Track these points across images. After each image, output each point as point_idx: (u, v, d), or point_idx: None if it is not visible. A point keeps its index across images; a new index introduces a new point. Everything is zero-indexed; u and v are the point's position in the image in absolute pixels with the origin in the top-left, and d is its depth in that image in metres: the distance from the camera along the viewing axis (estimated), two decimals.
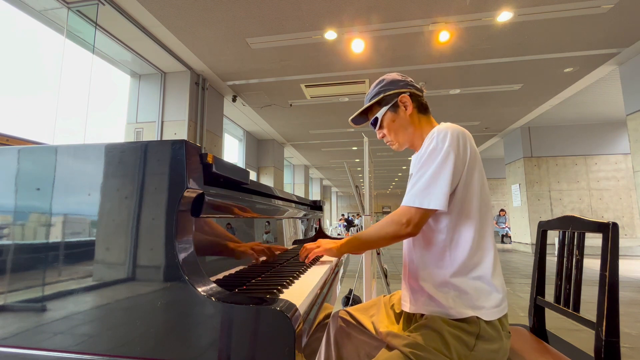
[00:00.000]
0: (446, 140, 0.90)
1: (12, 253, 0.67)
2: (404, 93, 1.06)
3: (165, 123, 4.93)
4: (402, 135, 1.08)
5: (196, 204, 0.67)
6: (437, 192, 0.87)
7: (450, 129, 0.92)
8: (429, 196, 0.88)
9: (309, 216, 1.70)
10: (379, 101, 1.08)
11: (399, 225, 0.91)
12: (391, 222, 0.93)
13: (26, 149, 0.71)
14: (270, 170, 8.82)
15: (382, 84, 1.09)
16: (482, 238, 0.91)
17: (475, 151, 0.93)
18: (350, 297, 2.97)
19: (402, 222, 0.90)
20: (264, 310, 0.55)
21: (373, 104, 1.09)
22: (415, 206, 0.89)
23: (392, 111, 1.07)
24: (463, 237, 0.91)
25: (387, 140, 1.12)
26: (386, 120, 1.08)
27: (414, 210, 0.89)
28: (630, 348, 2.27)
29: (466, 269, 0.89)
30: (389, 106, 1.06)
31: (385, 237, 0.94)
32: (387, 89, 1.07)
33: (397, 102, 1.06)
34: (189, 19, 3.69)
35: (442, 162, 0.89)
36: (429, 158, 0.91)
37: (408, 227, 0.89)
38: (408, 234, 0.91)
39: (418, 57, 4.58)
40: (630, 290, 4.13)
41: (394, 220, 0.92)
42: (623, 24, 3.80)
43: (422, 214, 0.89)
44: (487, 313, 0.87)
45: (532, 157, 8.24)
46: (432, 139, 0.93)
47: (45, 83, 3.53)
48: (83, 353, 0.60)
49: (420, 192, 0.89)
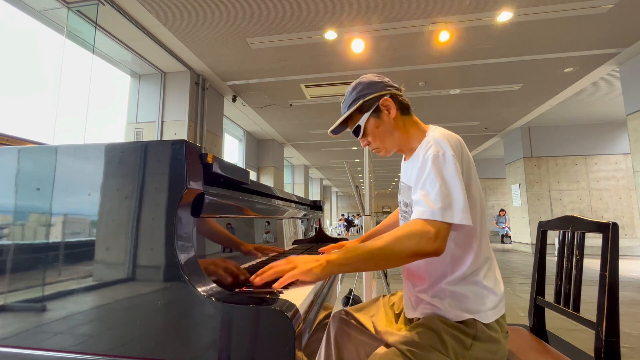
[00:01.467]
0: (448, 149, 0.85)
1: (12, 253, 0.67)
2: (384, 96, 0.98)
3: (165, 123, 4.93)
4: (389, 140, 1.00)
5: (196, 204, 0.67)
6: (457, 204, 0.79)
7: (446, 136, 0.90)
8: (450, 209, 0.78)
9: (309, 216, 1.70)
10: (359, 108, 0.99)
11: (425, 240, 0.75)
12: (411, 234, 0.76)
13: (26, 149, 0.71)
14: (270, 170, 8.82)
15: (359, 88, 1.00)
16: (481, 244, 0.91)
17: (469, 157, 0.92)
18: (350, 297, 2.97)
19: (429, 235, 0.75)
20: (264, 310, 0.55)
21: (353, 112, 1.00)
22: (437, 219, 0.77)
23: (374, 117, 0.98)
24: (465, 246, 0.90)
25: (373, 148, 1.04)
26: (370, 127, 0.99)
27: (439, 223, 0.77)
28: (630, 348, 2.27)
29: (464, 275, 0.89)
30: (370, 112, 0.98)
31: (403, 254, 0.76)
32: (366, 94, 0.98)
33: (378, 107, 0.98)
34: (189, 19, 3.69)
35: (451, 171, 0.82)
36: (434, 165, 0.83)
37: (436, 240, 0.75)
38: (435, 250, 0.76)
39: (418, 57, 4.58)
40: (630, 290, 4.13)
41: (414, 232, 0.76)
42: (623, 24, 3.80)
43: (447, 228, 0.78)
44: (485, 316, 0.87)
45: (532, 157, 8.24)
46: (429, 146, 0.88)
47: (45, 83, 3.53)
48: (83, 353, 0.60)
49: (440, 203, 0.79)
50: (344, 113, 1.02)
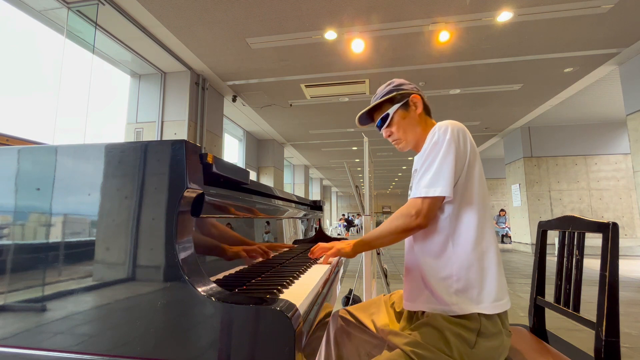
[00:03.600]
0: (447, 134, 0.93)
1: (12, 253, 0.67)
2: (415, 93, 1.09)
3: (165, 123, 4.93)
4: (411, 133, 1.09)
5: (196, 204, 0.67)
6: (441, 180, 0.90)
7: (450, 124, 0.96)
8: (434, 185, 0.91)
9: (309, 216, 1.70)
10: (391, 99, 1.09)
11: (408, 218, 0.92)
12: (400, 215, 0.95)
13: (26, 149, 0.71)
14: (270, 170, 8.82)
15: (393, 84, 1.12)
16: (483, 232, 0.92)
17: (474, 146, 0.97)
18: (350, 297, 2.97)
19: (410, 214, 0.92)
20: (264, 310, 0.55)
21: (384, 101, 1.10)
22: (421, 196, 0.92)
23: (403, 109, 1.09)
24: (465, 230, 0.92)
25: (394, 139, 1.12)
26: (397, 117, 1.09)
27: (420, 200, 0.92)
28: (630, 348, 2.27)
29: (468, 261, 0.90)
30: (400, 104, 1.08)
31: (395, 231, 0.95)
32: (399, 88, 1.10)
33: (408, 101, 1.09)
34: (188, 19, 3.69)
35: (445, 153, 0.92)
36: (432, 151, 0.94)
37: (417, 218, 0.91)
38: (418, 226, 0.92)
39: (418, 57, 4.58)
40: (630, 290, 4.13)
41: (402, 213, 0.94)
42: (623, 24, 3.80)
43: (429, 203, 0.91)
44: (488, 307, 0.87)
45: (532, 157, 8.24)
46: (433, 134, 0.96)
47: (46, 83, 3.53)
48: (83, 353, 0.60)
49: (426, 182, 0.92)
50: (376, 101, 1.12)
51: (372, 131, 8.10)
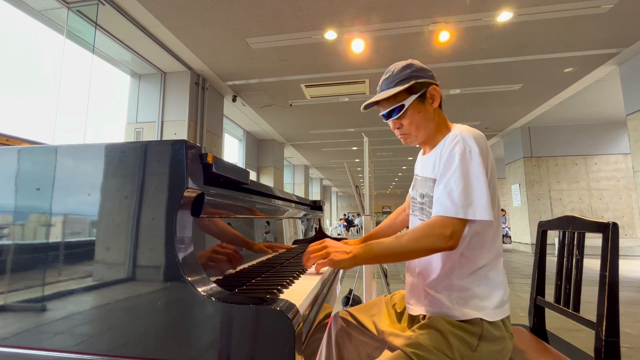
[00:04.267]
0: (475, 145, 0.86)
1: (12, 253, 0.67)
2: (434, 84, 0.97)
3: (165, 123, 4.93)
4: (423, 129, 0.98)
5: (196, 204, 0.67)
6: (480, 201, 0.82)
7: (473, 132, 0.90)
8: (472, 206, 0.82)
9: (309, 216, 1.70)
10: (409, 88, 0.95)
11: (441, 238, 0.81)
12: (431, 234, 0.82)
13: (26, 149, 0.71)
14: (270, 170, 8.82)
15: (412, 69, 0.96)
16: (495, 241, 0.91)
17: (492, 156, 0.92)
18: (350, 297, 2.97)
19: (445, 234, 0.81)
20: (264, 310, 0.55)
21: (401, 90, 0.95)
22: (458, 217, 0.82)
23: (419, 101, 0.96)
24: (481, 242, 0.90)
25: (404, 132, 1.01)
26: (411, 110, 0.96)
27: (457, 221, 0.82)
28: (630, 348, 2.27)
29: (474, 271, 0.89)
30: (417, 95, 0.95)
31: (421, 251, 0.83)
32: (419, 76, 0.95)
33: (425, 93, 0.96)
34: (188, 19, 3.69)
35: (477, 168, 0.84)
36: (461, 162, 0.85)
37: (451, 240, 0.81)
38: (449, 248, 0.81)
39: (418, 57, 4.57)
40: (630, 290, 4.13)
41: (434, 232, 0.82)
42: (623, 24, 3.80)
43: (464, 224, 0.83)
44: (491, 313, 0.86)
45: (532, 157, 8.24)
46: (456, 142, 0.88)
47: (46, 83, 3.53)
48: (83, 353, 0.60)
49: (462, 201, 0.82)
50: (386, 89, 0.97)
51: (372, 131, 8.10)
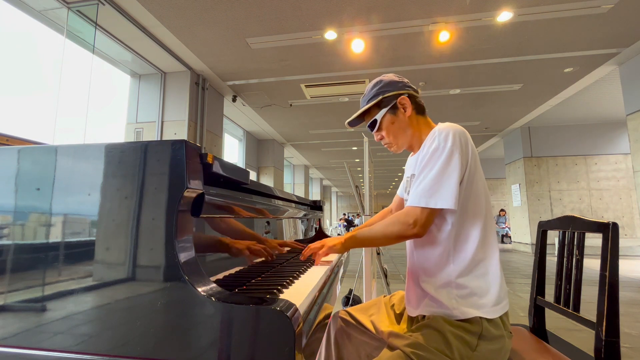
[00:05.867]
0: (449, 140, 0.90)
1: (12, 253, 0.67)
2: (402, 95, 1.05)
3: (165, 123, 4.93)
4: (402, 137, 1.07)
5: (196, 204, 0.67)
6: (444, 191, 0.86)
7: (451, 128, 0.92)
8: (435, 195, 0.87)
9: (309, 216, 1.70)
10: (378, 103, 1.06)
11: (405, 226, 0.89)
12: (397, 221, 0.91)
13: (26, 149, 0.71)
14: (270, 170, 8.82)
15: (380, 85, 1.07)
16: (486, 236, 0.92)
17: (475, 151, 0.94)
18: (350, 297, 2.97)
19: (408, 222, 0.89)
20: (264, 310, 0.55)
21: (372, 106, 1.07)
22: (421, 206, 0.88)
23: (391, 113, 1.05)
24: (468, 236, 0.91)
25: (386, 142, 1.10)
26: (385, 123, 1.06)
27: (420, 210, 0.88)
28: (630, 348, 2.27)
29: (469, 267, 0.89)
30: (387, 108, 1.05)
31: (389, 237, 0.92)
32: (386, 90, 1.05)
33: (396, 104, 1.04)
34: (188, 19, 3.69)
35: (447, 161, 0.88)
36: (432, 157, 0.90)
37: (414, 227, 0.88)
38: (414, 235, 0.89)
39: (418, 57, 4.58)
40: (630, 290, 4.13)
41: (399, 220, 0.91)
42: (623, 24, 3.80)
43: (428, 213, 0.88)
44: (489, 311, 0.87)
45: (532, 157, 8.24)
46: (433, 139, 0.92)
47: (46, 83, 3.53)
48: (83, 353, 0.60)
49: (426, 191, 0.88)
50: (362, 106, 1.09)
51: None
